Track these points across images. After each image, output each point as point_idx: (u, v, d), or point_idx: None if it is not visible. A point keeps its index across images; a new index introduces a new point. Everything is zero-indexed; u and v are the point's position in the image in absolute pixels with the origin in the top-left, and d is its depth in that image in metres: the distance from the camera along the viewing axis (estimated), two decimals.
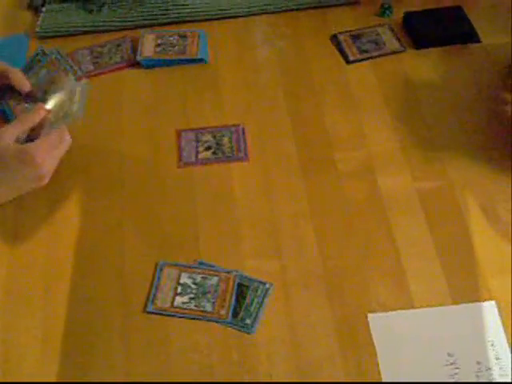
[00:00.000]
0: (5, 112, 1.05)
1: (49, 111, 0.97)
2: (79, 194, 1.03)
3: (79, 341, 0.89)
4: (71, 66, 1.11)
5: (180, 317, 0.89)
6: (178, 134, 1.10)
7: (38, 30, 1.27)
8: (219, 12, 1.28)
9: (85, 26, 1.27)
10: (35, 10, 1.32)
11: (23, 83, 1.02)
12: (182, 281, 0.92)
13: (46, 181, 0.94)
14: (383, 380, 0.83)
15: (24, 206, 1.00)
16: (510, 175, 1.01)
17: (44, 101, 0.99)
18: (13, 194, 0.96)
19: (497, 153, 1.05)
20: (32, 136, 0.95)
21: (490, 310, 0.88)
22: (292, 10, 1.29)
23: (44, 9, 1.31)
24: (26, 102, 1.03)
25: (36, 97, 1.03)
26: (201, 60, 1.21)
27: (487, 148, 1.05)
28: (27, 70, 1.08)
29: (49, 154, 0.93)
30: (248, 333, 0.88)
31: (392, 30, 1.24)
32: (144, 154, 1.08)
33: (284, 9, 1.29)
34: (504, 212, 0.98)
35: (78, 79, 1.06)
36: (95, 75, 1.19)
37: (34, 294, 0.93)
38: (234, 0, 1.29)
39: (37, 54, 1.11)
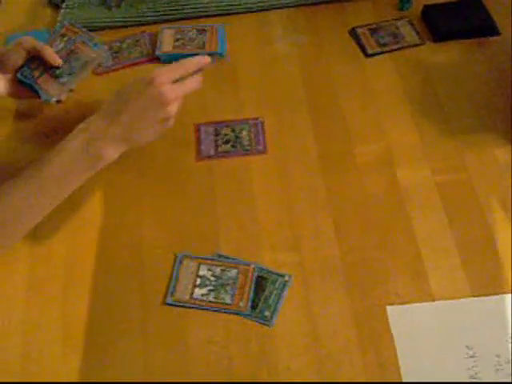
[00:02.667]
0: (27, 83, 1.07)
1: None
2: (98, 188, 1.04)
3: (99, 334, 0.89)
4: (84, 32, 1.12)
5: (199, 309, 0.90)
6: (197, 127, 1.10)
7: (58, 25, 1.28)
8: (237, 6, 1.28)
9: (104, 22, 1.28)
10: (55, 6, 1.34)
11: (55, 58, 1.05)
12: (201, 273, 0.92)
13: (172, 123, 0.98)
14: (402, 373, 0.83)
15: None
16: None
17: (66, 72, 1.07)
18: (149, 136, 0.97)
19: None
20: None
21: (509, 303, 0.88)
22: (310, 3, 1.29)
23: (64, 5, 1.32)
24: (49, 74, 1.07)
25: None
26: (220, 54, 1.21)
27: (507, 141, 1.05)
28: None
29: (178, 96, 0.97)
30: (267, 325, 0.88)
31: (411, 23, 1.24)
32: (163, 148, 1.09)
33: (302, 3, 1.29)
34: None
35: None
36: (114, 70, 1.20)
37: (55, 289, 0.94)
38: None
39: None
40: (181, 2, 1.29)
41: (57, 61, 1.06)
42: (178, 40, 1.23)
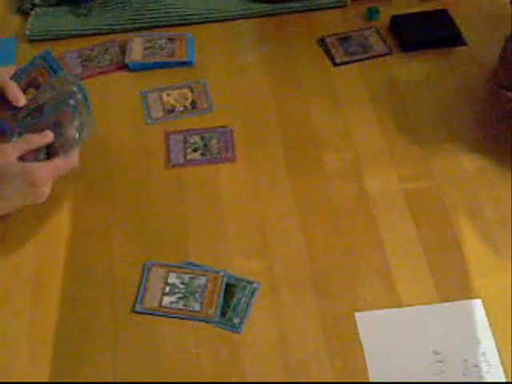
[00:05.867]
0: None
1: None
2: (67, 196, 1.03)
3: (68, 342, 0.88)
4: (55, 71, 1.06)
5: (168, 316, 0.89)
6: (167, 136, 1.10)
7: (27, 33, 1.27)
8: (207, 15, 1.29)
9: (74, 30, 1.28)
10: (24, 13, 1.33)
11: (18, 98, 1.01)
12: (170, 281, 0.92)
13: (43, 200, 0.95)
14: (370, 378, 0.84)
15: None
16: (510, 174, 1.02)
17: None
18: (8, 210, 0.97)
19: (482, 153, 1.05)
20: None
21: (476, 309, 0.89)
22: (279, 13, 1.30)
23: (33, 12, 1.31)
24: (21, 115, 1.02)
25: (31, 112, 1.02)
26: (189, 63, 1.21)
27: (473, 149, 1.06)
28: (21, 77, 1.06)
29: (52, 177, 0.95)
30: (236, 332, 0.88)
31: (379, 33, 1.25)
32: (132, 156, 1.09)
33: (272, 12, 1.29)
34: (490, 211, 0.98)
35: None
36: (84, 78, 1.20)
37: (23, 297, 0.93)
38: (222, 3, 1.30)
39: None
40: (151, 11, 1.29)
41: (20, 101, 1.00)
42: (147, 48, 1.23)
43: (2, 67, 1.04)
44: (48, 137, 0.97)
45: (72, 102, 0.99)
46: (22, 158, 0.94)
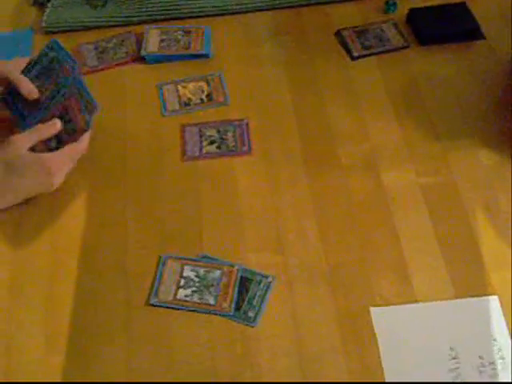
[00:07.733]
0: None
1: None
2: (82, 188, 1.04)
3: (82, 334, 0.89)
4: (66, 61, 1.04)
5: (183, 309, 0.89)
6: (182, 128, 1.10)
7: (43, 25, 1.27)
8: (223, 8, 1.28)
9: (90, 22, 1.28)
10: (41, 5, 1.33)
11: (31, 91, 1.02)
12: (184, 274, 0.92)
13: (55, 188, 0.99)
14: (385, 374, 0.83)
15: (28, 201, 1.00)
16: None
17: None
18: (22, 198, 1.00)
19: (500, 148, 1.05)
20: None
21: (492, 305, 0.88)
22: (296, 5, 1.29)
23: (49, 4, 1.31)
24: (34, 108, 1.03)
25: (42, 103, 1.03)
26: (205, 55, 1.21)
27: (490, 143, 1.06)
28: (32, 69, 1.06)
29: (64, 165, 0.98)
30: (250, 326, 0.88)
31: (396, 26, 1.24)
32: (148, 149, 1.09)
33: (288, 4, 1.29)
34: (506, 207, 0.98)
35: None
36: (100, 70, 1.20)
37: (38, 289, 0.93)
38: None
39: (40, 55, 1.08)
40: (167, 3, 1.28)
41: (33, 95, 1.02)
42: (163, 41, 1.23)
43: (12, 60, 1.05)
44: (57, 126, 0.99)
45: (74, 89, 1.00)
46: (33, 149, 0.97)
